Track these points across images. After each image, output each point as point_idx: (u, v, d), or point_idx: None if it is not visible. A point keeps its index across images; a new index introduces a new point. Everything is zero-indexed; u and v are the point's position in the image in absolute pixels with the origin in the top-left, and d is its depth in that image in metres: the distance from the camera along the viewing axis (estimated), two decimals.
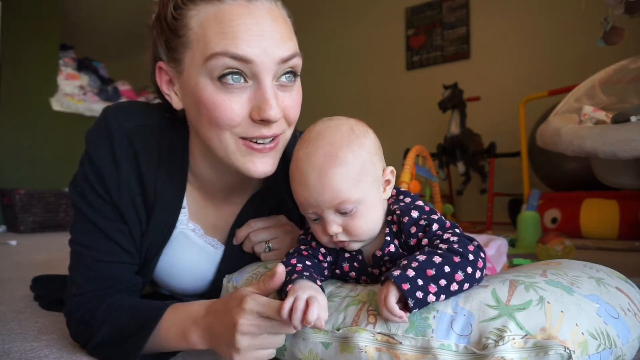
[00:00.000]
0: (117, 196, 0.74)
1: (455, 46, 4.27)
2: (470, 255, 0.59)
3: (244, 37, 0.64)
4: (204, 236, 0.84)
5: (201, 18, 0.65)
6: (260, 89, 0.66)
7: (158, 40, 0.71)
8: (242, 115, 0.66)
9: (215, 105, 0.65)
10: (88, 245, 0.75)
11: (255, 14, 0.65)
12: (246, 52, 0.63)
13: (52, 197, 3.24)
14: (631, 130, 1.20)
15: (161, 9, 0.69)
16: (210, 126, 0.68)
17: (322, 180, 0.63)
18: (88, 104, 3.71)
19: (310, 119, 0.73)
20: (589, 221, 2.72)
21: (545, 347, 0.49)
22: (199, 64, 0.65)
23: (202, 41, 0.65)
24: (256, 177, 0.71)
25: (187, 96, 0.70)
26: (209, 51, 0.64)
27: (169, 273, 0.84)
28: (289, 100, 0.70)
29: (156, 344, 0.68)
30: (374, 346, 0.57)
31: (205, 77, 0.66)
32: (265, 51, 0.65)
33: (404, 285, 0.55)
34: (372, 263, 0.70)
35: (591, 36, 1.77)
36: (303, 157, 0.65)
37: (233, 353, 0.59)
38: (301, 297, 0.57)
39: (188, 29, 0.66)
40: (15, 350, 0.78)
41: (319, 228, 0.67)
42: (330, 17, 5.08)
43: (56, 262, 1.80)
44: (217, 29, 0.64)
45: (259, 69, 0.65)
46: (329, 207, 0.64)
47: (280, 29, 0.67)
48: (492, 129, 3.81)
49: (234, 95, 0.66)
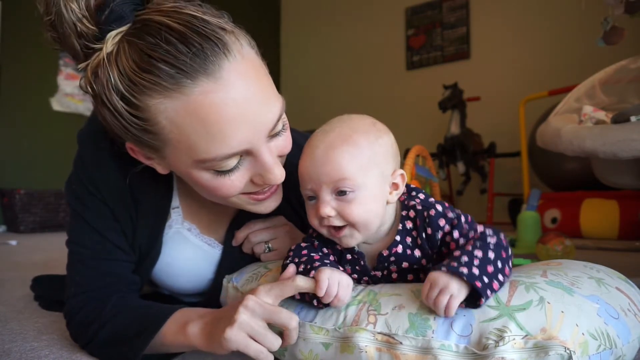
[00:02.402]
0: (108, 194, 0.75)
1: (455, 46, 4.27)
2: (510, 249, 0.62)
3: (232, 134, 0.57)
4: (200, 235, 0.84)
5: (170, 115, 0.56)
6: (259, 160, 0.63)
7: (116, 128, 0.61)
8: (243, 185, 0.65)
9: (215, 189, 0.64)
10: (84, 244, 0.76)
11: (229, 93, 0.56)
12: (239, 146, 0.59)
13: (52, 197, 3.24)
14: (631, 130, 1.20)
15: (100, 91, 0.58)
16: (209, 196, 0.68)
17: (328, 154, 0.62)
18: (88, 104, 3.71)
19: (310, 118, 0.73)
20: (589, 221, 2.72)
21: (545, 348, 0.49)
22: (188, 162, 0.61)
23: (185, 143, 0.58)
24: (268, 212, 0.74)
25: (177, 172, 0.67)
26: (198, 156, 0.59)
27: (167, 273, 0.84)
28: (281, 142, 0.67)
29: (156, 344, 0.68)
30: (374, 346, 0.57)
31: (198, 170, 0.62)
32: (254, 133, 0.60)
33: (478, 284, 0.54)
34: (377, 264, 0.69)
35: (591, 36, 1.77)
36: (318, 134, 0.65)
37: (227, 327, 0.58)
38: (333, 284, 0.61)
39: (160, 126, 0.58)
40: (15, 350, 0.78)
41: (312, 209, 0.65)
42: (330, 17, 5.08)
43: (56, 262, 1.80)
44: (199, 130, 0.56)
45: (254, 148, 0.62)
46: (327, 182, 0.61)
47: (259, 92, 0.60)
48: (492, 129, 3.81)
49: (232, 175, 0.63)
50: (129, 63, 0.56)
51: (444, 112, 3.50)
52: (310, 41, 5.22)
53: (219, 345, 0.59)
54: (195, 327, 0.65)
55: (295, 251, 0.70)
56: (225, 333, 0.57)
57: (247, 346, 0.58)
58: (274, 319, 0.60)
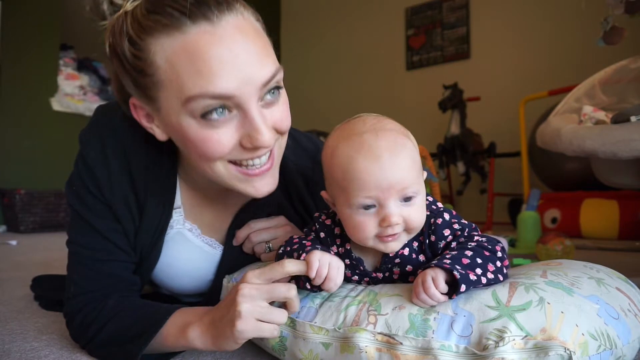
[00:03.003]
0: (110, 195, 0.74)
1: (455, 46, 4.27)
2: (499, 252, 0.62)
3: (220, 73, 0.59)
4: (201, 236, 0.84)
5: (167, 54, 0.60)
6: (248, 117, 0.63)
7: (123, 77, 0.66)
8: (231, 145, 0.64)
9: (203, 142, 0.63)
10: (85, 245, 0.75)
11: (224, 39, 0.60)
12: (225, 88, 0.59)
13: (52, 197, 3.24)
14: (631, 130, 1.20)
15: (114, 42, 0.64)
16: (200, 159, 0.66)
17: (394, 161, 0.60)
18: (88, 104, 3.71)
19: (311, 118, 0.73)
20: (589, 221, 2.72)
21: (545, 348, 0.49)
22: (177, 105, 0.62)
23: (175, 82, 0.60)
24: (259, 197, 0.71)
25: (171, 131, 0.67)
26: (185, 94, 0.60)
27: (168, 274, 0.84)
28: (277, 114, 0.67)
29: (157, 344, 0.68)
30: (374, 346, 0.57)
31: (187, 117, 0.62)
32: (244, 81, 0.61)
33: (456, 274, 0.56)
34: (381, 265, 0.69)
35: (591, 36, 1.76)
36: (369, 130, 0.62)
37: (235, 321, 0.58)
38: (323, 265, 0.61)
39: (155, 67, 0.61)
40: (15, 350, 0.78)
41: (369, 217, 0.62)
42: (330, 17, 5.08)
43: (56, 262, 1.80)
44: (189, 68, 0.59)
45: (242, 100, 0.61)
46: (398, 190, 0.60)
47: (255, 48, 0.62)
48: (492, 129, 3.81)
49: (220, 129, 0.63)
50: (140, 10, 0.62)
51: (444, 112, 3.50)
52: (310, 41, 5.22)
53: (231, 341, 0.60)
54: (195, 331, 0.65)
55: (287, 241, 0.71)
56: (236, 326, 0.58)
57: (261, 330, 0.60)
58: (272, 296, 0.61)
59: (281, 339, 0.66)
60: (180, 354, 0.76)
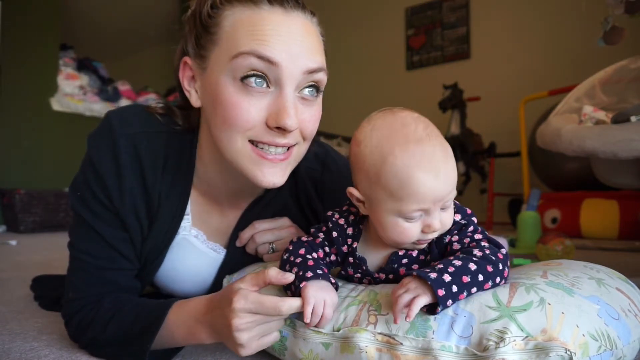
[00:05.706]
0: (120, 204, 0.72)
1: (455, 46, 4.27)
2: (500, 264, 0.60)
3: (273, 41, 0.64)
4: (206, 242, 0.84)
5: (235, 18, 0.66)
6: (281, 97, 0.65)
7: (189, 36, 0.71)
8: (257, 119, 0.65)
9: (233, 106, 0.65)
10: (88, 252, 0.74)
11: (289, 23, 0.66)
12: (274, 54, 0.63)
13: (52, 197, 3.23)
14: (631, 130, 1.20)
15: (198, 5, 0.70)
16: (223, 126, 0.67)
17: (448, 172, 0.61)
18: (88, 104, 3.71)
19: None
20: (589, 221, 2.72)
21: (546, 349, 0.49)
22: (225, 61, 0.65)
23: (231, 40, 0.65)
24: (263, 187, 0.70)
25: (207, 94, 0.69)
26: (236, 50, 0.64)
27: (171, 277, 0.84)
28: (307, 115, 0.69)
29: (164, 342, 0.69)
30: (374, 347, 0.57)
31: (227, 76, 0.65)
32: (292, 58, 0.64)
33: (440, 292, 0.55)
34: (387, 264, 0.68)
35: (591, 36, 1.77)
36: (425, 139, 0.61)
37: (238, 349, 0.61)
38: (319, 304, 0.60)
39: (220, 27, 0.67)
40: (15, 350, 0.78)
41: (415, 226, 0.62)
42: (330, 18, 5.07)
43: (56, 262, 1.80)
44: (247, 30, 0.65)
45: (283, 75, 0.64)
46: (445, 200, 0.61)
47: (311, 42, 0.67)
48: (492, 129, 3.81)
49: (253, 99, 0.65)
50: None
51: (444, 112, 3.50)
52: None
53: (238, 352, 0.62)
54: (202, 334, 0.66)
55: (294, 247, 0.70)
56: (241, 353, 0.61)
57: (263, 345, 0.62)
58: (266, 320, 0.61)
59: (281, 339, 0.66)
60: (181, 353, 0.76)
